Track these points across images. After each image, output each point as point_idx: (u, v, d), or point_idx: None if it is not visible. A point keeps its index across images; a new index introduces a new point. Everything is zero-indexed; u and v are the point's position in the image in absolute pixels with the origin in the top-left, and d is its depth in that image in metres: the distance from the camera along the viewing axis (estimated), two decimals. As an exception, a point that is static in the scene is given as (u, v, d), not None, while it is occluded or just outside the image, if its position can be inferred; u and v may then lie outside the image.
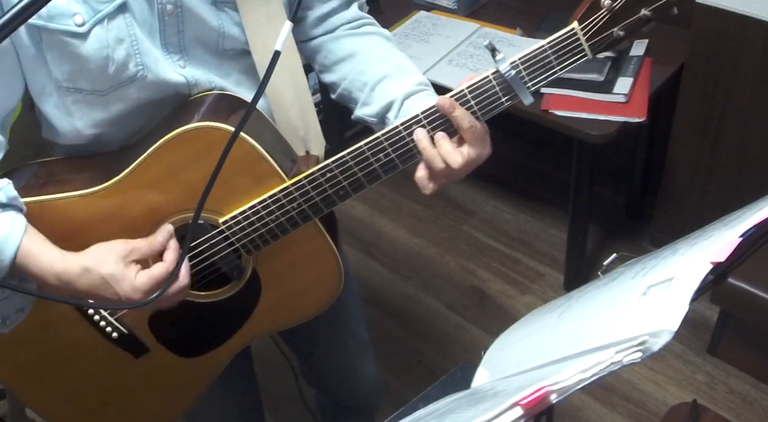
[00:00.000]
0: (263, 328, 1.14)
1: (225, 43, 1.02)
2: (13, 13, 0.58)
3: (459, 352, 2.20)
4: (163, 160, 0.97)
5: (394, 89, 1.05)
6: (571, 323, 0.78)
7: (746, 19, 1.78)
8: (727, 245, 0.60)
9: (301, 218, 1.01)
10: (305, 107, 1.09)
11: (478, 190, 2.74)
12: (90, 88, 0.97)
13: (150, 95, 1.00)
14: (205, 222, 1.02)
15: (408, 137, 0.95)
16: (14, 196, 0.94)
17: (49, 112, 1.01)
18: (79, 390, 1.17)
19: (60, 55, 0.94)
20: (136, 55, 0.95)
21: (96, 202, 1.00)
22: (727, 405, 1.95)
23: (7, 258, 0.91)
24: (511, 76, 0.91)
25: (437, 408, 0.80)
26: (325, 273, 1.09)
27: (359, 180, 0.98)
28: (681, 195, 2.20)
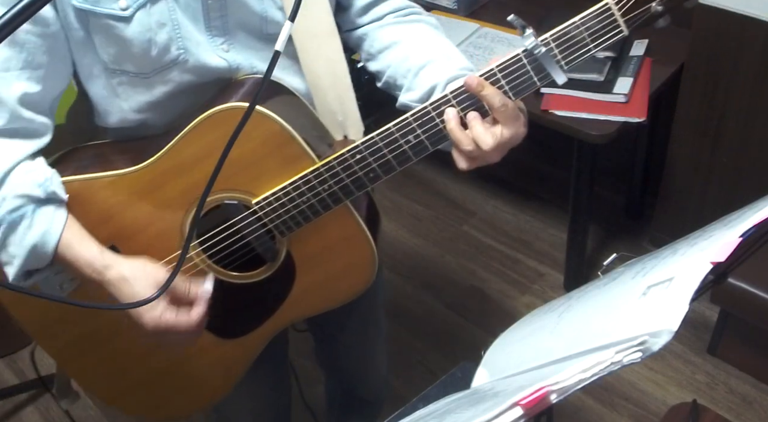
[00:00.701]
0: (299, 312, 1.14)
1: (268, 28, 1.03)
2: (13, 12, 0.58)
3: (459, 352, 2.20)
4: (196, 140, 0.99)
5: (438, 74, 1.04)
6: (571, 323, 0.78)
7: (746, 19, 1.78)
8: (727, 245, 0.60)
9: (333, 200, 1.00)
10: (343, 92, 1.08)
11: (478, 190, 2.74)
12: (135, 70, 1.00)
13: (192, 79, 1.02)
14: (239, 202, 1.02)
15: (438, 118, 0.93)
16: (52, 191, 0.98)
17: (97, 94, 1.04)
18: (121, 367, 1.19)
19: (106, 38, 0.97)
20: (178, 39, 0.97)
21: (133, 182, 1.03)
22: (727, 405, 1.95)
23: (49, 251, 0.97)
24: (541, 53, 0.87)
25: (437, 408, 0.80)
26: (359, 259, 1.08)
27: (389, 162, 0.97)
28: (681, 195, 2.20)
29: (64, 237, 0.98)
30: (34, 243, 0.96)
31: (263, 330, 1.15)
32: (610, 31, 0.87)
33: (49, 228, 0.97)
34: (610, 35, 0.87)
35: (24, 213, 0.96)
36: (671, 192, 2.22)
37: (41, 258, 0.98)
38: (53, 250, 0.97)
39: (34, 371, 1.64)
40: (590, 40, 0.88)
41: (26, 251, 0.97)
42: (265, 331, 1.15)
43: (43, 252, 0.97)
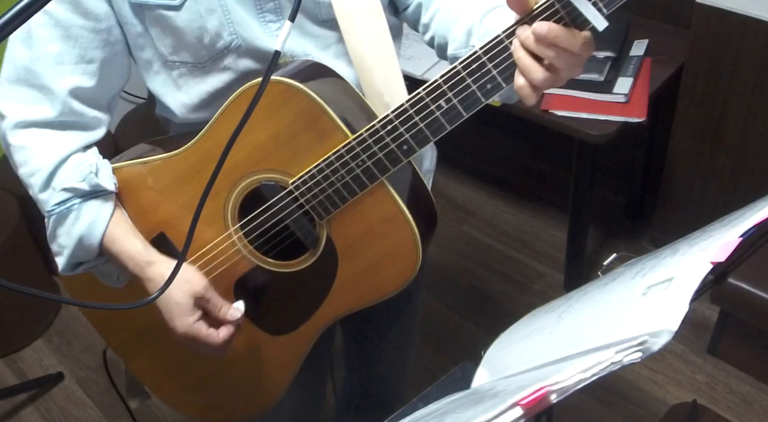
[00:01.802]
0: (344, 305, 1.11)
1: (322, 13, 1.02)
2: (13, 12, 0.58)
3: (459, 352, 2.20)
4: (230, 120, 0.98)
5: (474, 14, 1.00)
6: (571, 323, 0.78)
7: (746, 19, 1.78)
8: (727, 245, 0.60)
9: (367, 177, 0.96)
10: (390, 72, 1.05)
11: (478, 190, 2.74)
12: (192, 60, 1.01)
13: (248, 66, 1.02)
14: (276, 183, 1.01)
15: (469, 78, 0.86)
16: (96, 183, 1.00)
17: (158, 90, 1.06)
18: (178, 365, 1.20)
19: (162, 30, 0.98)
20: (229, 24, 0.97)
21: (177, 166, 1.04)
22: (727, 405, 1.95)
23: (95, 243, 1.01)
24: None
25: (437, 408, 0.80)
26: (402, 243, 1.02)
27: (422, 131, 0.91)
28: (681, 195, 2.20)
29: (110, 230, 1.01)
30: (81, 235, 0.99)
31: (311, 324, 1.12)
32: None
33: (95, 220, 1.00)
34: None
35: (71, 206, 0.99)
36: (671, 192, 2.22)
37: (88, 250, 1.01)
38: (99, 243, 1.01)
39: (34, 371, 1.64)
40: None
41: (74, 243, 1.00)
42: (313, 326, 1.12)
43: (89, 244, 1.00)
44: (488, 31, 0.96)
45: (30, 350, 2.38)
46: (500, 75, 0.85)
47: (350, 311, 1.13)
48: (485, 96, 0.86)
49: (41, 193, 1.00)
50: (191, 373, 1.21)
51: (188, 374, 1.21)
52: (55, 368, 2.29)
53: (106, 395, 2.19)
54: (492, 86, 0.86)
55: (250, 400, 1.23)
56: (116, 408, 2.12)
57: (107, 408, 2.16)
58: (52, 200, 0.99)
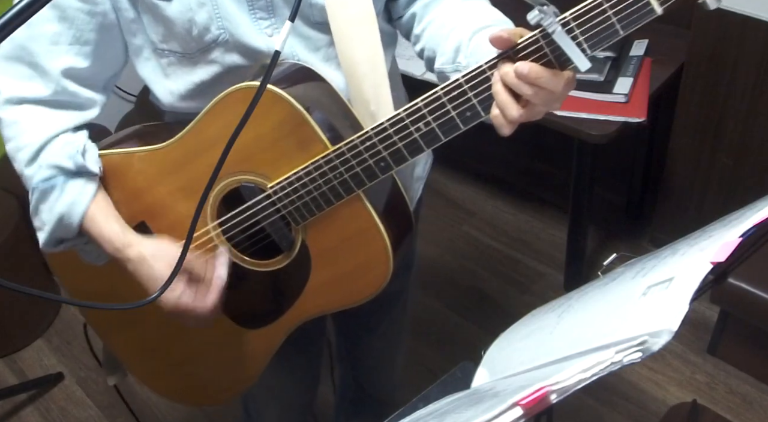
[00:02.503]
0: (317, 307, 1.13)
1: (314, 14, 1.02)
2: (14, 12, 0.58)
3: (459, 352, 2.20)
4: (216, 120, 1.00)
5: (464, 30, 0.99)
6: (571, 323, 0.78)
7: (746, 19, 1.78)
8: (727, 245, 0.60)
9: (344, 189, 0.98)
10: (379, 81, 1.06)
11: (478, 190, 2.74)
12: (181, 50, 1.01)
13: (235, 61, 1.02)
14: (255, 185, 1.02)
15: (449, 104, 0.88)
16: (82, 164, 1.01)
17: (148, 76, 1.07)
18: (154, 345, 1.23)
19: (153, 18, 0.99)
20: (218, 18, 0.98)
21: (163, 158, 1.05)
22: (727, 405, 1.95)
23: (75, 222, 1.02)
24: (557, 32, 0.77)
25: (437, 408, 0.80)
26: (374, 255, 1.05)
27: (399, 151, 0.93)
28: (681, 195, 2.20)
29: (90, 211, 1.02)
30: (62, 213, 1.00)
31: (282, 322, 1.14)
32: (640, 10, 0.76)
33: (76, 200, 1.01)
34: (640, 15, 0.76)
35: (55, 184, 1.00)
36: (671, 192, 2.22)
37: (68, 228, 1.02)
38: (78, 222, 1.02)
39: (34, 371, 1.64)
40: (617, 19, 0.77)
41: (55, 219, 1.01)
42: (284, 324, 1.15)
43: (69, 222, 1.01)
44: (476, 49, 0.97)
45: (30, 350, 2.38)
46: (480, 104, 0.86)
47: (321, 314, 1.16)
48: (464, 123, 0.88)
49: (27, 167, 1.01)
50: (165, 356, 1.24)
51: (162, 356, 1.24)
52: (55, 368, 2.29)
53: (106, 395, 2.19)
54: (471, 114, 0.87)
55: (220, 387, 1.27)
56: (116, 408, 2.12)
57: (107, 408, 2.16)
58: (37, 176, 1.00)
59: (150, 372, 1.28)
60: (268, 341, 1.18)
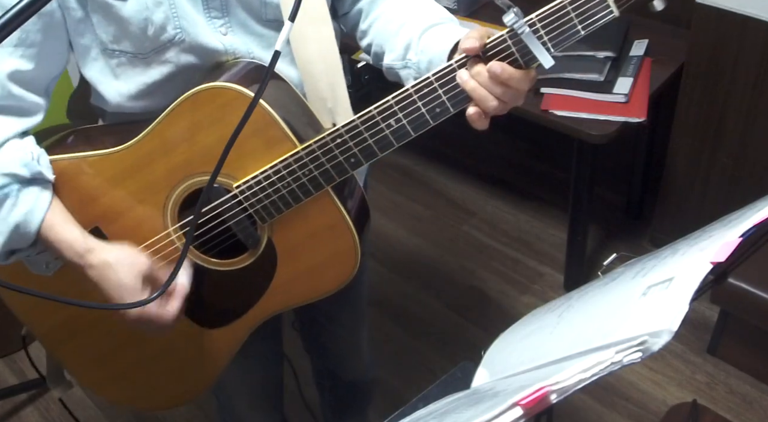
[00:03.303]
0: (282, 302, 1.14)
1: (267, 13, 1.03)
2: (14, 11, 0.58)
3: (459, 352, 2.20)
4: (179, 120, 0.99)
5: (414, 28, 1.03)
6: (571, 323, 0.78)
7: (746, 19, 1.78)
8: (727, 245, 0.60)
9: (313, 186, 0.99)
10: (335, 79, 1.08)
11: (478, 190, 2.74)
12: (133, 50, 1.00)
13: (190, 60, 1.01)
14: (220, 185, 1.02)
15: (419, 101, 0.91)
16: (38, 170, 0.98)
17: (94, 77, 1.04)
18: (106, 352, 1.19)
19: (105, 17, 0.97)
20: (174, 18, 0.97)
21: (118, 162, 1.03)
22: (727, 405, 1.95)
23: (31, 231, 0.98)
24: (525, 33, 0.83)
25: (437, 408, 0.80)
26: (342, 249, 1.07)
27: (370, 147, 0.95)
28: (681, 195, 2.20)
29: (48, 218, 0.99)
30: (17, 223, 0.97)
31: (246, 319, 1.14)
32: (599, 12, 0.82)
33: (33, 208, 0.98)
34: (599, 17, 0.82)
35: (9, 192, 0.96)
36: (671, 192, 2.22)
37: (24, 237, 0.99)
38: (36, 231, 0.98)
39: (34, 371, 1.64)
40: (578, 20, 0.83)
41: (9, 229, 0.97)
42: (248, 321, 1.15)
43: (26, 231, 0.98)
44: (426, 47, 1.01)
45: (30, 350, 2.38)
46: (449, 101, 0.90)
47: (287, 308, 1.16)
48: (433, 119, 0.92)
49: None
50: (119, 362, 1.21)
51: (116, 363, 1.21)
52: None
53: (106, 395, 2.19)
54: (441, 110, 0.91)
55: (178, 389, 1.25)
56: (116, 408, 2.12)
57: (107, 409, 2.16)
58: None
59: (101, 380, 1.25)
60: (231, 339, 1.17)
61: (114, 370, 1.22)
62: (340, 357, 1.61)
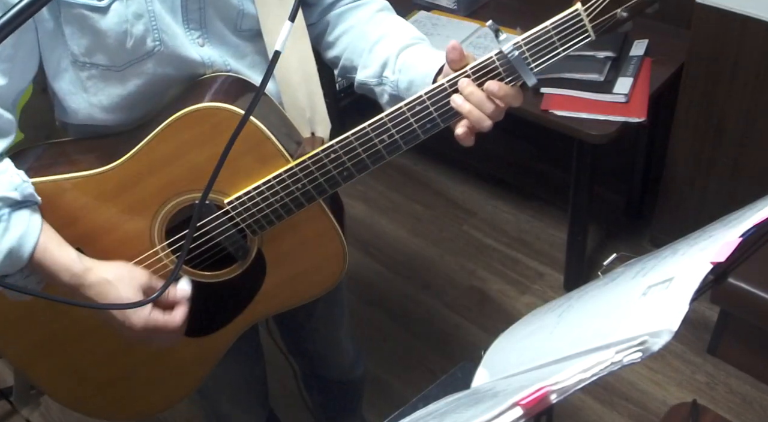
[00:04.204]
0: (268, 309, 1.15)
1: (243, 23, 1.04)
2: (14, 12, 0.58)
3: (459, 352, 2.20)
4: (170, 140, 0.98)
5: (390, 46, 1.07)
6: (571, 323, 0.78)
7: (746, 19, 1.78)
8: (727, 245, 0.60)
9: (306, 199, 1.01)
10: (312, 89, 1.09)
11: (478, 190, 2.74)
12: (106, 63, 0.98)
13: (166, 71, 1.01)
14: (211, 202, 1.02)
15: (411, 118, 0.95)
16: (30, 193, 0.96)
17: (63, 88, 1.02)
18: (86, 368, 1.18)
19: (79, 29, 0.95)
20: (154, 30, 0.97)
21: (103, 182, 1.01)
22: (727, 405, 1.95)
23: (25, 255, 0.95)
24: (514, 56, 0.90)
25: (437, 408, 0.80)
26: (330, 254, 1.09)
27: (363, 161, 0.98)
28: (681, 195, 2.20)
29: (41, 241, 0.96)
30: (11, 248, 0.93)
31: (233, 326, 1.15)
32: (578, 36, 0.90)
33: (25, 232, 0.94)
34: (578, 40, 0.90)
35: (0, 217, 0.93)
36: (671, 192, 2.22)
37: (16, 262, 0.95)
38: (29, 254, 0.95)
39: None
40: (559, 43, 0.90)
41: (2, 255, 0.93)
42: (234, 328, 1.15)
43: (19, 256, 0.94)
44: (404, 66, 1.05)
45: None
46: (439, 117, 0.96)
47: (273, 314, 1.18)
48: (424, 133, 0.97)
49: None
50: (99, 375, 1.19)
51: (95, 377, 1.19)
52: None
53: (106, 395, 2.18)
54: (431, 126, 0.96)
55: (161, 396, 1.25)
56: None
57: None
58: None
59: (80, 396, 1.22)
60: (216, 347, 1.18)
61: (93, 385, 1.20)
62: (323, 358, 1.59)
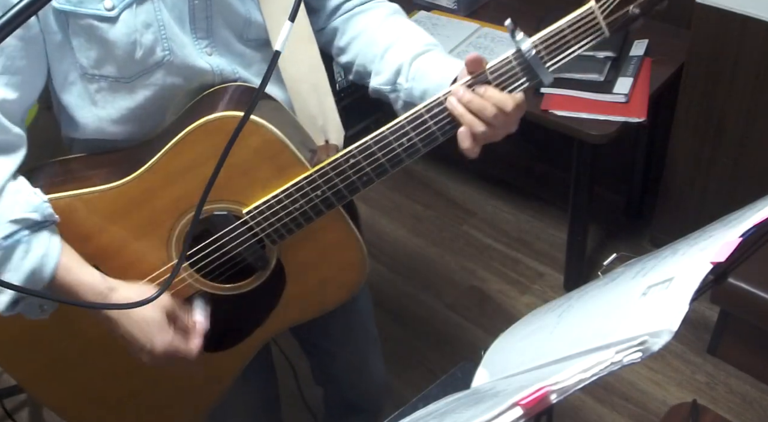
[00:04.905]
0: (288, 320, 1.13)
1: (250, 32, 1.04)
2: (13, 12, 0.58)
3: (459, 352, 2.20)
4: (185, 151, 0.97)
5: (402, 53, 1.06)
6: (571, 323, 0.78)
7: (746, 19, 1.78)
8: (727, 245, 0.60)
9: (325, 206, 1.00)
10: (323, 96, 1.09)
11: (478, 190, 2.74)
12: (115, 74, 0.98)
13: (175, 81, 1.00)
14: (228, 213, 1.01)
15: (430, 120, 0.96)
16: (50, 213, 0.94)
17: (72, 102, 1.01)
18: (100, 388, 1.16)
19: (87, 41, 0.94)
20: (163, 40, 0.96)
21: (117, 197, 1.00)
22: (727, 405, 1.95)
23: (46, 276, 0.93)
24: (531, 55, 0.91)
25: (437, 408, 0.80)
26: (350, 262, 1.09)
27: (383, 165, 0.98)
28: (681, 195, 2.20)
29: (63, 261, 0.94)
30: (33, 269, 0.92)
31: (253, 339, 1.13)
32: (592, 33, 0.90)
33: (47, 252, 0.93)
34: (593, 37, 0.90)
35: (20, 239, 0.91)
36: (671, 192, 2.22)
37: (37, 283, 0.93)
38: (51, 275, 0.93)
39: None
40: (574, 41, 0.91)
41: (24, 276, 0.92)
42: (255, 340, 1.13)
43: (41, 277, 0.93)
44: (418, 74, 1.04)
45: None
46: None
47: (291, 326, 1.16)
48: (443, 135, 0.97)
49: None
50: (113, 397, 1.17)
51: (107, 398, 1.17)
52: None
53: (106, 395, 2.18)
54: (450, 127, 0.97)
55: (176, 413, 1.23)
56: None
57: None
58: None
59: (99, 414, 1.19)
60: (233, 363, 1.16)
61: (107, 405, 1.18)
62: (349, 383, 1.56)
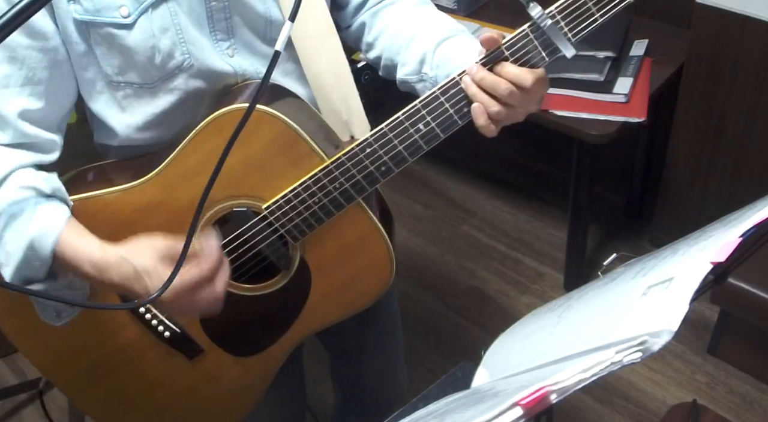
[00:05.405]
0: (317, 322, 1.11)
1: (272, 32, 1.03)
2: (14, 12, 0.58)
3: (459, 352, 2.20)
4: (201, 146, 0.96)
5: (427, 41, 1.03)
6: (571, 323, 0.78)
7: (746, 19, 1.78)
8: (728, 245, 0.60)
9: (345, 198, 0.98)
10: (347, 91, 1.07)
11: (478, 190, 2.74)
12: (140, 80, 0.98)
13: (198, 85, 1.00)
14: (248, 209, 1.00)
15: (447, 102, 0.92)
16: (58, 186, 0.96)
17: (101, 111, 1.02)
18: (134, 395, 1.15)
19: (109, 49, 0.95)
20: (182, 43, 0.96)
21: (139, 196, 1.00)
22: (727, 405, 1.95)
23: (47, 247, 0.92)
24: (547, 25, 0.85)
25: (437, 408, 0.80)
26: (376, 259, 1.05)
27: (400, 153, 0.94)
28: (681, 195, 2.20)
29: (64, 234, 0.92)
30: (33, 238, 0.91)
31: (282, 343, 1.11)
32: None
33: (49, 222, 0.92)
34: (616, 2, 0.84)
35: (25, 207, 0.91)
36: (671, 192, 2.22)
37: (38, 256, 0.92)
38: (52, 247, 0.92)
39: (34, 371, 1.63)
40: (595, 9, 0.85)
41: (24, 247, 0.91)
42: (284, 344, 1.11)
43: (41, 247, 0.91)
44: (442, 61, 1.01)
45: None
46: None
47: (322, 327, 1.13)
48: (461, 119, 0.93)
49: None
50: (149, 403, 1.16)
51: (146, 404, 1.16)
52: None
53: (106, 395, 2.18)
54: (467, 110, 0.92)
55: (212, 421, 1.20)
56: None
57: None
58: (4, 198, 0.92)
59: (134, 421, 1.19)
60: (266, 366, 1.14)
61: (141, 412, 1.17)
62: (375, 390, 1.53)
